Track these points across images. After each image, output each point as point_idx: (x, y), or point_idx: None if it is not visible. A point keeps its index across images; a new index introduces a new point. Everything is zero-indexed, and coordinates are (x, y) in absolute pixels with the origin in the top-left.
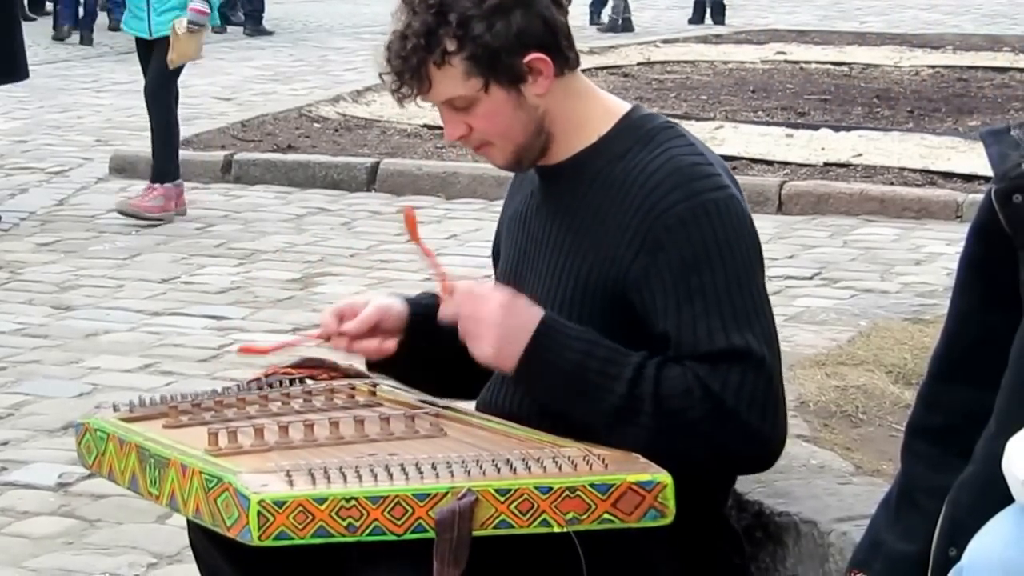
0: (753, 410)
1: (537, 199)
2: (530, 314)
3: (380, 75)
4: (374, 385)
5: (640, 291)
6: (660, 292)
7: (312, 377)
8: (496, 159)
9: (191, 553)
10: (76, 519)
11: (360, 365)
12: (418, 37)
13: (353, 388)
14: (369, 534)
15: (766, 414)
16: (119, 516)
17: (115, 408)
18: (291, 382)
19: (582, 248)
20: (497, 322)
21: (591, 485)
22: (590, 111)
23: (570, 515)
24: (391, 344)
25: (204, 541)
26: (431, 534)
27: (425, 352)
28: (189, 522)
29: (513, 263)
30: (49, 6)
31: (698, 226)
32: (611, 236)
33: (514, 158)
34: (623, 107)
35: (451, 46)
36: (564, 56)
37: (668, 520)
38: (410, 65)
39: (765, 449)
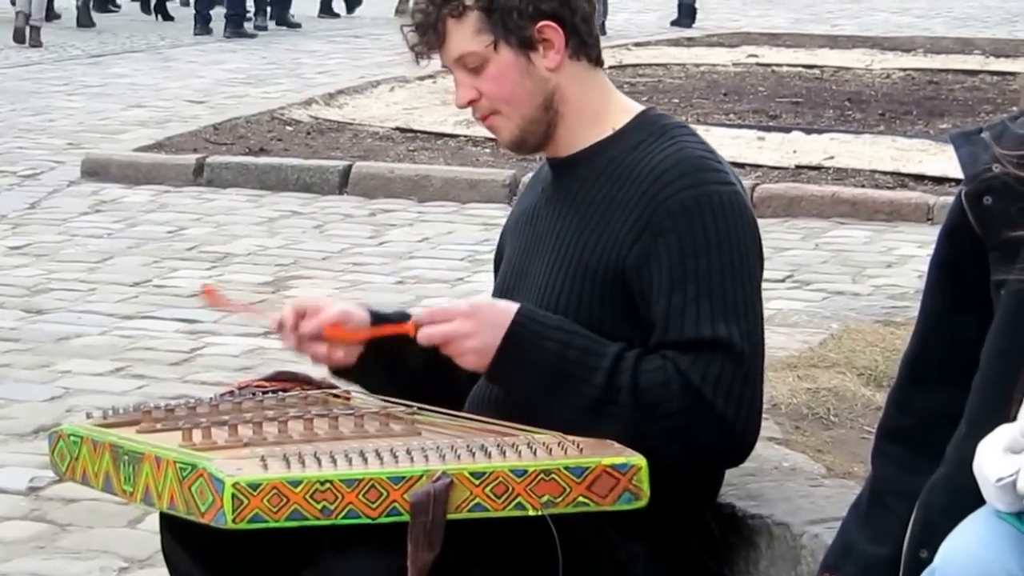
0: (730, 403)
1: (548, 192)
2: (502, 312)
3: (401, 28)
4: (348, 395)
5: (639, 274)
6: (656, 275)
7: (285, 390)
8: (502, 131)
9: (162, 558)
10: (47, 523)
11: (332, 378)
12: None
13: (328, 397)
14: (344, 517)
15: (741, 408)
16: (90, 520)
17: (88, 416)
18: (264, 394)
19: (586, 231)
20: (468, 332)
21: (566, 468)
22: (607, 105)
23: (545, 498)
24: (340, 355)
25: (175, 547)
26: (406, 517)
27: (387, 366)
28: (161, 528)
29: (518, 257)
30: None
31: (701, 215)
32: (615, 220)
33: (519, 132)
34: (639, 107)
35: None
36: (580, 38)
37: (643, 503)
38: (430, 18)
39: (738, 442)
